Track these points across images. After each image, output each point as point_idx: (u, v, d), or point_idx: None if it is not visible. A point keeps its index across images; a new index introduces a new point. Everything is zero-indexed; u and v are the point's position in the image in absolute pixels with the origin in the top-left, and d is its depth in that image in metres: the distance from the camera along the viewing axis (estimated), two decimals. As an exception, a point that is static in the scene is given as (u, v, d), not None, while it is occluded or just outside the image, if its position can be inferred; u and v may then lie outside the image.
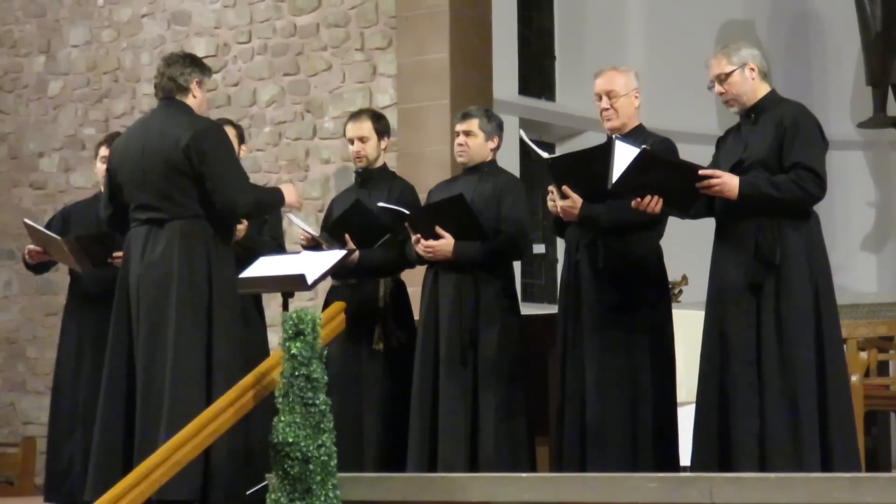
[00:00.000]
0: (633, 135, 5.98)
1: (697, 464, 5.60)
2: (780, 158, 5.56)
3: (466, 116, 6.58)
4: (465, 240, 6.32)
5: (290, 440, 4.91)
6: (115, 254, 6.41)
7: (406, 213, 6.39)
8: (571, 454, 5.90)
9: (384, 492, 5.25)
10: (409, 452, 6.35)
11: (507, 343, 6.33)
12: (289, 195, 6.18)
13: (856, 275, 11.37)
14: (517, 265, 6.85)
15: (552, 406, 6.36)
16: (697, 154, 6.13)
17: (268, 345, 6.76)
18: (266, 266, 5.87)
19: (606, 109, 6.05)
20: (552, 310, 6.55)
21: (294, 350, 4.98)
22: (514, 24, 11.01)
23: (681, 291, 9.68)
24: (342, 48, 9.91)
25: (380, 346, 6.58)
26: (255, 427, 5.74)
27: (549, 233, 10.37)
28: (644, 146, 5.63)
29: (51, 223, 7.11)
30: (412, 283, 6.77)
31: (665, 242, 6.07)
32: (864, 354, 7.49)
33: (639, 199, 5.59)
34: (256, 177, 9.15)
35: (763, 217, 5.53)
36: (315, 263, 5.79)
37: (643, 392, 5.84)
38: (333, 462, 4.99)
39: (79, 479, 6.47)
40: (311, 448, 4.93)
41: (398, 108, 9.53)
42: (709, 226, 5.81)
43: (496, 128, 6.59)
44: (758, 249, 5.54)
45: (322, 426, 4.98)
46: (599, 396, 5.84)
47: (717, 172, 5.54)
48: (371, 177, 6.81)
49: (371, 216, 6.50)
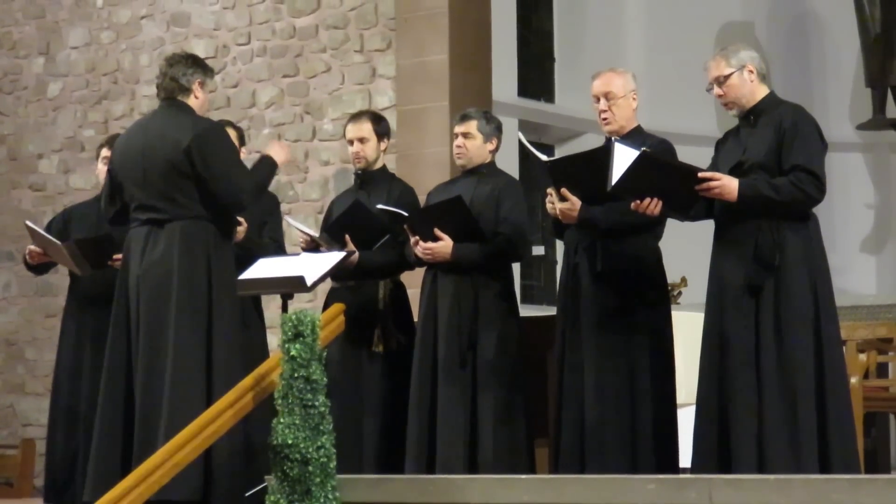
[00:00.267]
0: (632, 136, 5.97)
1: (697, 466, 5.60)
2: (780, 160, 5.55)
3: (465, 118, 6.58)
4: (464, 242, 6.32)
5: (290, 442, 4.90)
6: (115, 256, 6.41)
7: (405, 215, 6.39)
8: (570, 456, 5.89)
9: (383, 493, 5.25)
10: (408, 454, 6.35)
11: (506, 345, 6.33)
12: (277, 155, 6.09)
13: (855, 276, 11.36)
14: (516, 267, 6.86)
15: (551, 408, 6.35)
16: (696, 156, 6.11)
17: (267, 346, 6.76)
18: (265, 267, 5.87)
19: (604, 112, 6.05)
20: (551, 311, 6.54)
21: (293, 352, 4.97)
22: (514, 26, 10.99)
23: (680, 293, 9.68)
24: (341, 50, 9.91)
25: (379, 349, 6.58)
26: (255, 428, 5.73)
27: (548, 235, 10.37)
28: (643, 148, 5.63)
29: (51, 225, 7.11)
30: (412, 285, 6.77)
31: (664, 244, 6.07)
32: (864, 356, 7.48)
33: (638, 202, 5.59)
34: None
35: (762, 219, 5.53)
36: (314, 265, 5.78)
37: (642, 394, 5.83)
38: (333, 464, 4.98)
39: (79, 481, 6.46)
40: (311, 450, 4.92)
41: (397, 110, 9.52)
42: (708, 228, 5.80)
43: (495, 129, 6.59)
44: (757, 251, 5.54)
45: (321, 428, 4.97)
46: (598, 398, 5.84)
47: (717, 175, 5.54)
48: (370, 178, 6.81)
49: (370, 217, 6.50)
